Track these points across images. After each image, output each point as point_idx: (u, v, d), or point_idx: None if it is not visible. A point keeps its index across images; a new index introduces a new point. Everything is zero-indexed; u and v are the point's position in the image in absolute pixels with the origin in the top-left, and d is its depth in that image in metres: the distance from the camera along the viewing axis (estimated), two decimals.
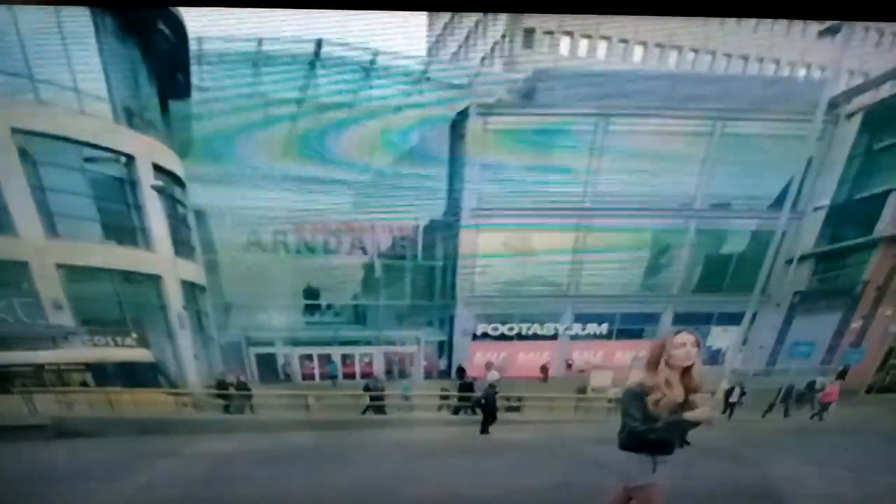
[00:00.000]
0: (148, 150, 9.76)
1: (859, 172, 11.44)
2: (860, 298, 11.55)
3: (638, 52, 12.13)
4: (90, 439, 8.65)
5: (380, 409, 10.23)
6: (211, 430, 9.61)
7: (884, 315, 11.14)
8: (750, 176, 11.13)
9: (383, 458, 7.46)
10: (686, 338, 3.05)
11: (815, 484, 5.44)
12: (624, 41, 12.01)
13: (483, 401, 9.11)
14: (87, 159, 9.47)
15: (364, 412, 10.07)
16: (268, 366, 11.90)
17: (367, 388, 10.40)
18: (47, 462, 7.42)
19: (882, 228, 11.18)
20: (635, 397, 3.15)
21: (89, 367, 9.98)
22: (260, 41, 9.17)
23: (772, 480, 5.69)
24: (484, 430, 8.96)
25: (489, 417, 9.01)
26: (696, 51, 12.05)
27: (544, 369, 12.35)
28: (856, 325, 11.49)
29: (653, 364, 3.16)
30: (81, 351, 10.08)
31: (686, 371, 3.09)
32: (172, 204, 10.41)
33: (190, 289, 11.09)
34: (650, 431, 3.12)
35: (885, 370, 11.20)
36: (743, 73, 12.22)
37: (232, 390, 10.45)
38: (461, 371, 11.39)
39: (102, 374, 10.02)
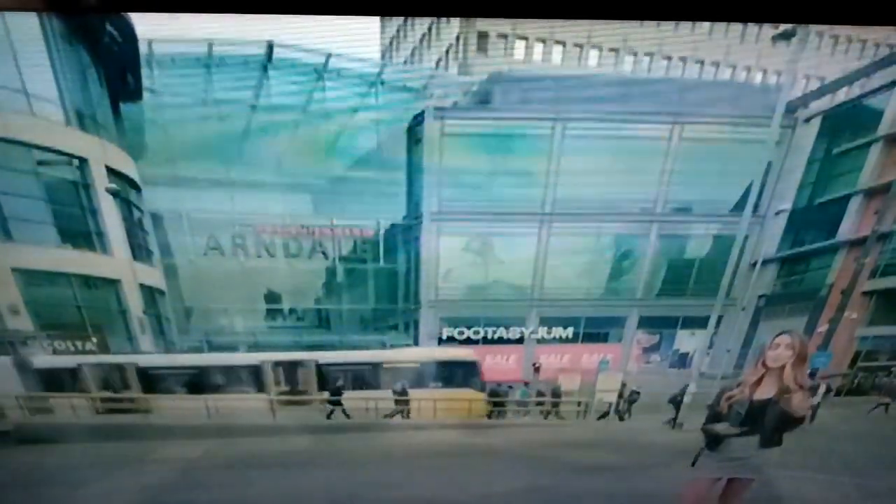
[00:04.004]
0: (101, 152, 9.69)
1: (820, 176, 11.52)
2: (826, 301, 11.57)
3: (593, 57, 12.19)
4: (54, 445, 8.56)
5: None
6: (179, 435, 9.53)
7: (850, 318, 11.16)
8: (710, 180, 11.17)
9: (357, 465, 7.46)
10: (782, 339, 3.17)
11: (786, 485, 5.44)
12: (579, 45, 12.07)
13: None
14: (40, 162, 9.39)
15: (489, 416, 10.36)
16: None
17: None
18: (10, 469, 7.35)
19: (845, 231, 11.25)
20: (720, 392, 3.36)
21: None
22: (211, 44, 9.14)
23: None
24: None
25: None
26: (651, 55, 12.12)
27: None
28: (822, 328, 11.50)
29: (755, 363, 3.31)
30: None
31: (781, 371, 3.18)
32: (128, 207, 10.34)
33: (149, 293, 11.00)
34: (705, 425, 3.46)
35: (853, 373, 11.22)
36: (699, 78, 12.28)
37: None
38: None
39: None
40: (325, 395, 10.12)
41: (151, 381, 10.04)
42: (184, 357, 10.77)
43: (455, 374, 10.45)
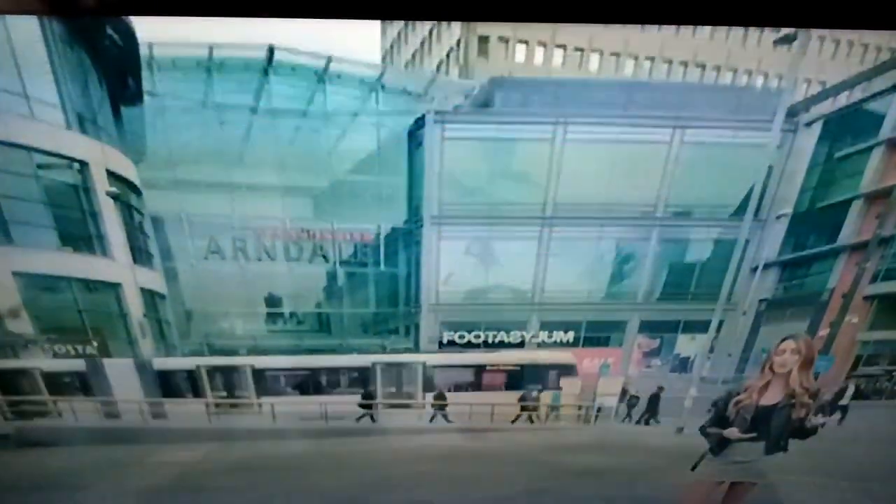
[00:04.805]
0: (101, 156, 9.69)
1: (821, 181, 11.49)
2: (827, 306, 11.54)
3: (594, 61, 12.19)
4: (55, 449, 8.61)
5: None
6: (179, 439, 9.54)
7: (851, 322, 11.12)
8: (711, 184, 11.16)
9: (354, 467, 7.47)
10: (787, 345, 3.16)
11: (788, 489, 5.42)
12: (580, 49, 12.06)
13: None
14: (41, 166, 9.40)
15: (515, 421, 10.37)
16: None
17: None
18: (10, 472, 7.35)
19: (846, 236, 11.22)
20: (727, 397, 3.36)
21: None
22: (212, 47, 9.15)
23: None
24: None
25: None
26: (652, 59, 12.11)
27: None
28: (823, 332, 11.46)
29: (763, 367, 3.30)
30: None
31: (788, 376, 3.17)
32: (129, 211, 10.33)
33: (150, 297, 10.99)
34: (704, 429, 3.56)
35: (855, 377, 11.17)
36: (700, 82, 12.27)
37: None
38: None
39: None
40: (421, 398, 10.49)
41: (265, 382, 10.29)
42: (297, 359, 10.99)
43: (554, 377, 10.67)
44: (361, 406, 10.04)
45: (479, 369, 10.67)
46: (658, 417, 10.29)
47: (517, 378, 10.66)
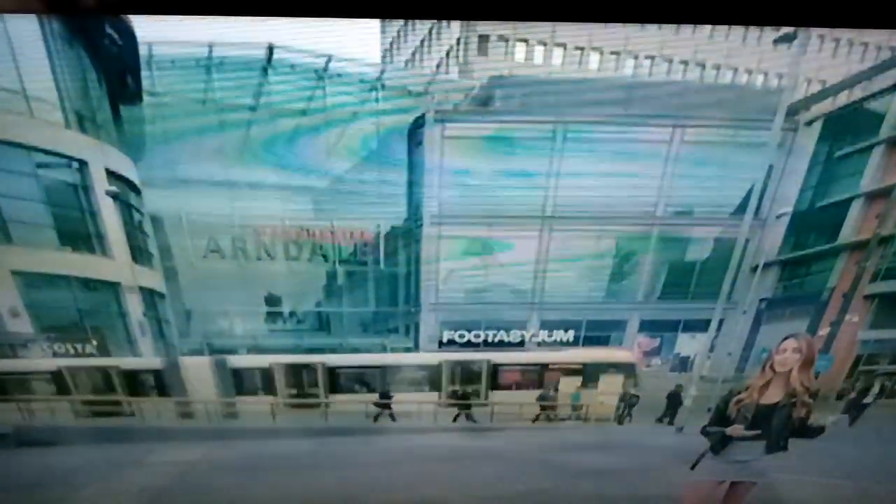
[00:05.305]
0: (101, 155, 9.69)
1: (821, 180, 11.48)
2: (827, 305, 11.53)
3: (594, 60, 12.18)
4: (53, 448, 8.63)
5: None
6: (176, 438, 9.55)
7: (851, 321, 11.12)
8: (711, 183, 11.14)
9: (357, 466, 7.48)
10: (788, 344, 3.16)
11: (788, 489, 5.42)
12: (580, 48, 12.05)
13: None
14: (40, 165, 9.39)
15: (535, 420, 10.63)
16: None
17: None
18: (9, 471, 7.35)
19: (846, 235, 11.21)
20: (728, 396, 3.36)
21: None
22: (211, 46, 9.12)
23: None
24: None
25: None
26: (652, 58, 12.09)
27: None
28: (823, 331, 11.46)
29: (763, 367, 3.30)
30: None
31: (789, 375, 3.17)
32: (128, 210, 10.33)
33: (149, 296, 10.99)
34: (705, 428, 3.56)
35: (855, 376, 11.17)
36: (700, 81, 12.26)
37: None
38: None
39: None
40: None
41: (337, 380, 10.62)
42: (366, 357, 11.27)
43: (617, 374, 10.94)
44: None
45: (543, 368, 10.92)
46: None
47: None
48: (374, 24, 10.13)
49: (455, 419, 10.58)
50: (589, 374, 10.84)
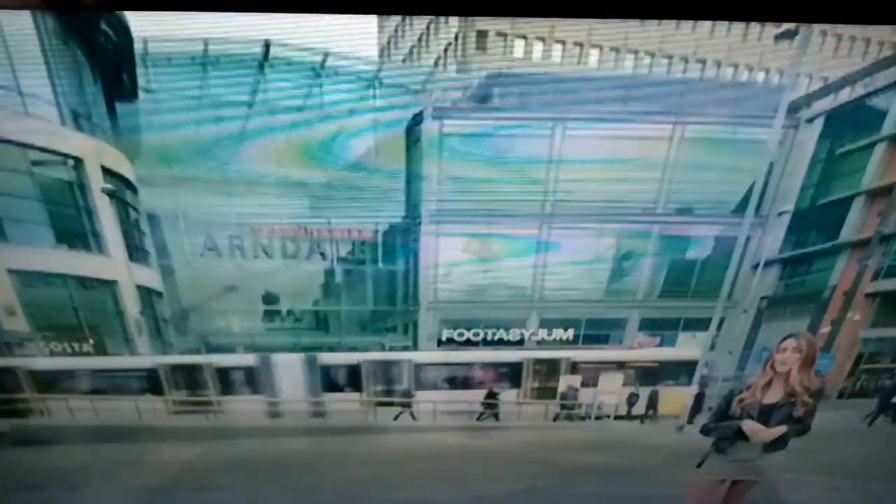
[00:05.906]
0: (96, 152, 9.64)
1: (822, 177, 11.43)
2: (828, 303, 11.50)
3: (594, 56, 12.11)
4: (51, 447, 8.59)
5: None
6: (176, 437, 9.54)
7: (853, 320, 11.09)
8: (711, 181, 11.08)
9: (357, 464, 7.48)
10: (789, 343, 3.18)
11: (789, 487, 5.38)
12: (579, 44, 11.99)
13: None
14: (35, 162, 9.33)
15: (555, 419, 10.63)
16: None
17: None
18: (7, 471, 7.34)
19: (848, 233, 11.16)
20: (730, 394, 3.38)
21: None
22: (206, 42, 9.06)
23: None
24: None
25: None
26: (652, 54, 12.02)
27: None
28: (825, 329, 11.43)
29: (764, 366, 3.32)
30: None
31: (789, 375, 3.18)
32: (125, 208, 10.28)
33: (146, 294, 10.95)
34: (708, 425, 3.55)
35: (856, 375, 11.15)
36: (701, 77, 12.18)
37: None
38: None
39: None
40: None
41: (423, 376, 10.76)
42: (450, 354, 11.25)
43: (681, 373, 11.00)
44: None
45: (621, 365, 10.99)
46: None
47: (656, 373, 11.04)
48: (372, 20, 10.08)
49: (479, 418, 10.46)
50: (664, 372, 10.91)
